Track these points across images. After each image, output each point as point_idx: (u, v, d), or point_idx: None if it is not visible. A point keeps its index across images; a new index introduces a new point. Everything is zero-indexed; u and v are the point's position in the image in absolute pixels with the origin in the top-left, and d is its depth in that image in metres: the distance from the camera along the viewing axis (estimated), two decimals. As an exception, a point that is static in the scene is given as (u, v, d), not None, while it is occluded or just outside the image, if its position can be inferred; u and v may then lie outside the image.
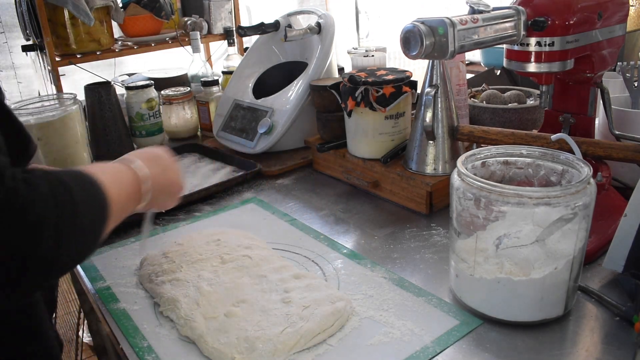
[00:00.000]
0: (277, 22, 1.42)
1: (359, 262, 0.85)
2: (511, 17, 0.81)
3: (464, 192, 0.67)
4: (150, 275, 0.82)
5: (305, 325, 0.66)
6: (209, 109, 1.50)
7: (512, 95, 1.22)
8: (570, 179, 0.70)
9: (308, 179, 1.21)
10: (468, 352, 0.65)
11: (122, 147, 1.42)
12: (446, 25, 0.77)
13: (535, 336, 0.67)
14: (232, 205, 1.10)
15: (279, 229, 0.97)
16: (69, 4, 1.89)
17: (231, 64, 1.77)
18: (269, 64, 1.45)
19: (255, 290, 0.75)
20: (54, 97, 1.51)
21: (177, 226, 1.02)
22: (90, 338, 1.75)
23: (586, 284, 0.74)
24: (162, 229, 1.01)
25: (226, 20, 2.39)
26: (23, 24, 2.15)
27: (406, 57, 0.84)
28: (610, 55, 0.91)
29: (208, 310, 0.71)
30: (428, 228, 0.95)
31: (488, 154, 0.75)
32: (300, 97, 1.26)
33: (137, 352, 0.68)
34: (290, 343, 0.64)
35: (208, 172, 1.26)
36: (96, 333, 1.38)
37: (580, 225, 0.64)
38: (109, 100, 1.39)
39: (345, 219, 1.01)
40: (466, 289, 0.72)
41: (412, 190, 1.00)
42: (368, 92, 1.02)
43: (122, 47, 2.23)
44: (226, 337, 0.66)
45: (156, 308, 0.77)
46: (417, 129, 0.99)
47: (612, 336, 0.66)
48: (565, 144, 0.83)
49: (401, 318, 0.71)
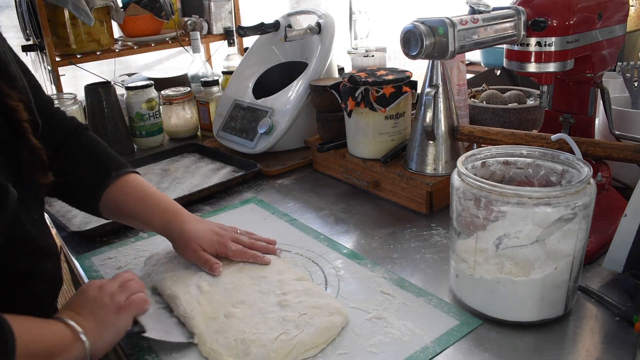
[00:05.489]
0: (277, 22, 1.42)
1: (359, 262, 0.85)
2: (511, 17, 0.81)
3: (464, 192, 0.67)
4: (151, 273, 0.82)
5: (299, 335, 0.66)
6: (209, 109, 1.50)
7: (512, 95, 1.22)
8: (570, 179, 0.70)
9: (308, 179, 1.21)
10: (468, 352, 0.65)
11: (122, 147, 1.42)
12: (446, 25, 0.77)
13: (535, 336, 0.67)
14: (232, 205, 1.10)
15: (279, 229, 0.97)
16: (69, 4, 1.89)
17: (231, 64, 1.77)
18: (269, 64, 1.45)
19: (254, 291, 0.75)
20: (54, 97, 1.51)
21: (177, 226, 1.02)
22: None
23: (586, 284, 0.74)
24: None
25: (226, 20, 2.39)
26: (23, 24, 2.15)
27: (406, 57, 0.84)
28: (610, 55, 0.91)
29: (208, 310, 0.71)
30: (428, 228, 0.95)
31: (488, 154, 0.75)
32: (300, 97, 1.26)
33: (137, 352, 0.68)
34: (282, 352, 0.64)
35: (208, 172, 1.26)
36: (96, 333, 1.38)
37: (580, 225, 0.64)
38: (109, 100, 1.39)
39: (345, 219, 1.01)
40: (466, 289, 0.72)
41: (412, 190, 1.00)
42: (368, 92, 1.02)
43: (122, 47, 2.23)
44: (225, 339, 0.66)
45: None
46: (417, 129, 0.99)
47: (612, 336, 0.66)
48: (565, 144, 0.83)
49: (401, 318, 0.71)
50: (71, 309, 0.64)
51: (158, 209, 0.82)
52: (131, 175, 0.84)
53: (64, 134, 0.83)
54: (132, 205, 0.82)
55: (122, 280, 0.70)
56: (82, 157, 0.84)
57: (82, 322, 0.62)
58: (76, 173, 0.82)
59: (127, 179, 0.83)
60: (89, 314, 0.64)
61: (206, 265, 0.79)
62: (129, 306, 0.67)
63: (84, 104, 1.43)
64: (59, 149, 0.82)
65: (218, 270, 0.78)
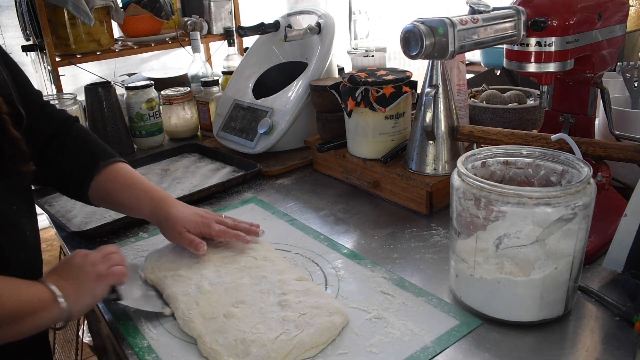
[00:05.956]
0: (277, 22, 1.42)
1: (359, 262, 0.85)
2: (511, 17, 0.81)
3: (464, 192, 0.67)
4: (153, 269, 0.82)
5: (300, 335, 0.66)
6: (209, 109, 1.50)
7: (512, 95, 1.22)
8: (570, 179, 0.70)
9: (308, 179, 1.21)
10: (468, 352, 0.65)
11: (122, 147, 1.42)
12: (446, 25, 0.77)
13: (535, 336, 0.67)
14: (232, 205, 1.10)
15: (279, 229, 0.97)
16: (69, 4, 1.89)
17: (231, 64, 1.77)
18: (269, 64, 1.45)
19: (254, 291, 0.75)
20: (54, 97, 1.52)
21: (177, 226, 1.02)
22: (90, 338, 1.75)
23: (586, 284, 0.74)
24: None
25: (226, 20, 2.39)
26: (23, 24, 2.15)
27: (406, 57, 0.84)
28: (610, 55, 0.91)
29: (207, 310, 0.71)
30: (428, 228, 0.95)
31: (488, 154, 0.75)
32: (300, 97, 1.26)
33: (137, 352, 0.69)
34: (282, 352, 0.64)
35: (208, 172, 1.26)
36: (96, 333, 1.38)
37: (580, 225, 0.64)
38: (109, 100, 1.39)
39: (345, 219, 1.01)
40: (466, 289, 0.72)
41: (412, 190, 1.00)
42: (368, 92, 1.02)
43: (122, 47, 2.23)
44: (224, 338, 0.66)
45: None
46: (417, 129, 0.99)
47: (612, 336, 0.66)
48: (565, 144, 0.83)
49: (401, 318, 0.71)
50: (57, 273, 0.70)
51: (145, 196, 0.85)
52: (119, 164, 0.88)
53: (55, 125, 0.87)
54: (120, 193, 0.86)
55: (106, 252, 0.75)
56: (72, 147, 0.87)
57: (64, 286, 0.67)
58: (67, 162, 0.86)
59: (116, 167, 0.87)
60: (71, 279, 0.69)
61: (191, 245, 0.82)
62: (108, 275, 0.72)
63: (84, 104, 1.43)
64: (51, 140, 0.86)
65: (202, 249, 0.82)
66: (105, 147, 0.90)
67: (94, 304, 0.73)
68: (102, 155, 0.87)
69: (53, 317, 0.66)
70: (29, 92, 0.84)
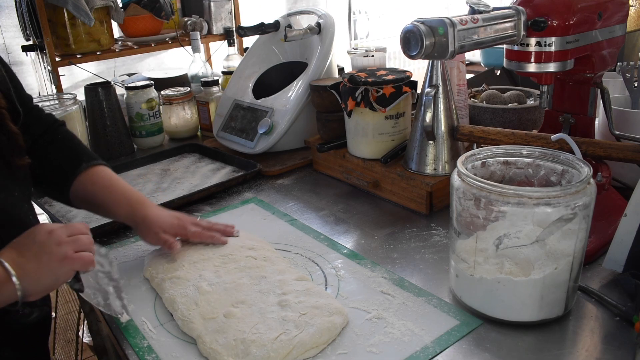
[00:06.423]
0: (277, 22, 1.42)
1: (359, 262, 0.85)
2: (511, 17, 0.81)
3: (464, 192, 0.67)
4: (151, 272, 0.82)
5: (300, 335, 0.66)
6: (209, 109, 1.50)
7: (512, 95, 1.22)
8: (570, 179, 0.70)
9: (308, 179, 1.21)
10: (468, 352, 0.65)
11: (122, 147, 1.42)
12: (446, 25, 0.77)
13: (535, 336, 0.67)
14: (232, 206, 1.10)
15: (279, 229, 0.97)
16: (69, 4, 1.89)
17: (231, 64, 1.77)
18: (269, 64, 1.45)
19: (254, 291, 0.75)
20: (54, 97, 1.51)
21: (177, 226, 1.02)
22: (90, 338, 1.75)
23: (586, 284, 0.74)
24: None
25: (226, 20, 2.39)
26: (23, 24, 2.15)
27: (406, 57, 0.84)
28: (610, 55, 0.91)
29: (207, 310, 0.71)
30: (428, 228, 0.95)
31: (488, 154, 0.75)
32: (300, 97, 1.26)
33: (137, 352, 0.68)
34: (282, 352, 0.64)
35: (208, 172, 1.26)
36: (96, 333, 1.38)
37: (580, 225, 0.64)
38: (108, 101, 1.39)
39: (345, 219, 1.01)
40: (466, 289, 0.72)
41: (412, 190, 1.00)
42: (368, 92, 1.02)
43: (122, 47, 2.23)
44: (224, 338, 0.66)
45: (156, 308, 0.77)
46: (417, 129, 0.99)
47: (612, 336, 0.66)
48: (565, 144, 0.83)
49: (401, 318, 0.71)
50: (15, 249, 0.65)
51: (123, 198, 0.87)
52: (101, 166, 0.90)
53: (43, 126, 0.90)
54: (99, 194, 0.87)
55: (73, 231, 0.69)
56: (57, 149, 0.90)
57: (23, 263, 0.63)
58: (51, 162, 0.88)
59: (97, 169, 0.89)
60: (32, 256, 0.64)
61: (166, 245, 0.84)
62: (74, 260, 0.67)
63: (84, 104, 1.43)
64: (38, 140, 0.88)
65: (176, 248, 0.83)
66: (89, 151, 0.92)
67: (55, 287, 0.69)
68: (85, 158, 0.89)
69: (6, 297, 0.62)
70: (22, 95, 0.86)
